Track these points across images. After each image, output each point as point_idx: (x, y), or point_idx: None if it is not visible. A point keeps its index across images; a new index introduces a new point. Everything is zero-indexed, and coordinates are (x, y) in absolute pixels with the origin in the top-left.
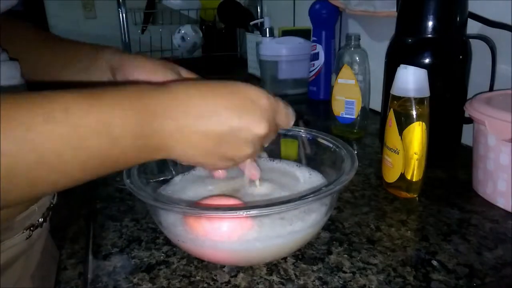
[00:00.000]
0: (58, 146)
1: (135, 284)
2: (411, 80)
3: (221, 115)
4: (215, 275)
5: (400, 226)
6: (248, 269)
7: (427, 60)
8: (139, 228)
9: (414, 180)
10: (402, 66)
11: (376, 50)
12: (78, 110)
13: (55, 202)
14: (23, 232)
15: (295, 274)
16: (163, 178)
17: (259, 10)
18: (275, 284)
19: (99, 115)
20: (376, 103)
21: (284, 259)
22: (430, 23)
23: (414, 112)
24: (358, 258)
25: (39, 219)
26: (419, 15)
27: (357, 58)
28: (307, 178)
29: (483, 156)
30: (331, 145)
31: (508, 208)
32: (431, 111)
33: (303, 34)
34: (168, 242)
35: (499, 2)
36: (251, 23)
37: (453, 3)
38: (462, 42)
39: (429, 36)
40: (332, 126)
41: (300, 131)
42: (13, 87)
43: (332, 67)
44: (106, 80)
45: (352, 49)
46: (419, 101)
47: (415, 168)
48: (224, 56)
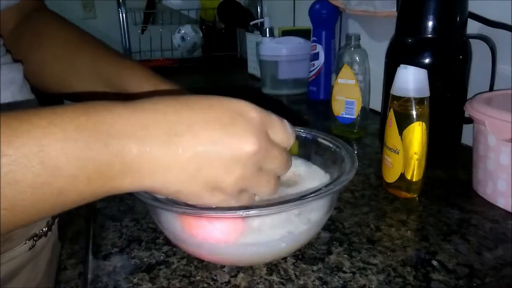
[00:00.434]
0: (25, 177)
1: (135, 284)
2: (411, 80)
3: (198, 131)
4: (215, 275)
5: (400, 226)
6: (248, 269)
7: (427, 60)
8: (139, 228)
9: (414, 180)
10: (402, 66)
11: (376, 50)
12: (7, 138)
13: None
14: (25, 243)
15: (295, 274)
16: None
17: (259, 10)
18: (275, 284)
19: (30, 141)
20: (376, 103)
21: (284, 259)
22: (430, 23)
23: (414, 112)
24: (358, 258)
25: (43, 228)
26: (419, 15)
27: (357, 58)
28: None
29: (483, 156)
30: (331, 145)
31: (508, 208)
32: (431, 111)
33: (303, 34)
34: (168, 242)
35: (499, 2)
36: (251, 23)
37: (453, 3)
38: (462, 42)
39: (429, 36)
40: (332, 126)
41: (300, 131)
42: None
43: (332, 67)
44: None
45: (352, 49)
46: (419, 101)
47: (415, 168)
48: (224, 56)
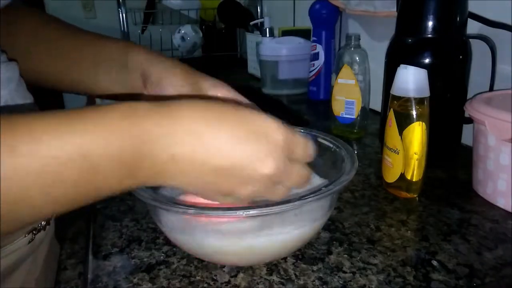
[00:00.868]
0: (24, 183)
1: (135, 284)
2: (411, 80)
3: (222, 148)
4: (215, 275)
5: (400, 226)
6: (248, 269)
7: (427, 60)
8: (139, 228)
9: (414, 180)
10: (402, 66)
11: (376, 50)
12: (47, 139)
13: None
14: (25, 236)
15: (295, 274)
16: None
17: (259, 10)
18: (275, 284)
19: (73, 143)
20: (376, 103)
21: (284, 259)
22: (430, 23)
23: (414, 112)
24: (358, 258)
25: (42, 222)
26: (419, 15)
27: (357, 58)
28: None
29: (483, 156)
30: (331, 145)
31: (508, 208)
32: (431, 111)
33: (303, 34)
34: (168, 242)
35: (499, 2)
36: (251, 23)
37: (453, 3)
38: (462, 42)
39: (429, 36)
40: (332, 126)
41: (300, 131)
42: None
43: (332, 67)
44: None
45: (352, 49)
46: (419, 101)
47: (415, 168)
48: (224, 56)
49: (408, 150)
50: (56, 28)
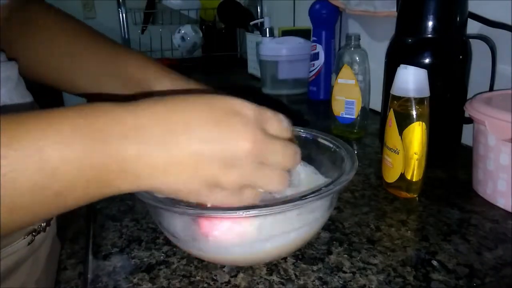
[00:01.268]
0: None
1: (135, 284)
2: (411, 80)
3: (194, 130)
4: (215, 275)
5: (400, 226)
6: (248, 269)
7: (427, 60)
8: (139, 228)
9: (414, 180)
10: (402, 66)
11: (376, 50)
12: (3, 137)
13: None
14: (24, 238)
15: (295, 274)
16: None
17: (259, 10)
18: (275, 284)
19: (28, 143)
20: (376, 103)
21: (284, 259)
22: (430, 23)
23: (414, 112)
24: (358, 258)
25: (42, 224)
26: (419, 15)
27: (357, 58)
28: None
29: (483, 156)
30: (331, 145)
31: (508, 208)
32: (431, 111)
33: (303, 34)
34: (168, 242)
35: (499, 2)
36: (251, 23)
37: (453, 3)
38: (462, 42)
39: (429, 36)
40: (332, 126)
41: (300, 131)
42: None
43: (332, 67)
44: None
45: (352, 49)
46: (419, 101)
47: (415, 168)
48: (224, 56)
49: (408, 150)
50: (74, 33)
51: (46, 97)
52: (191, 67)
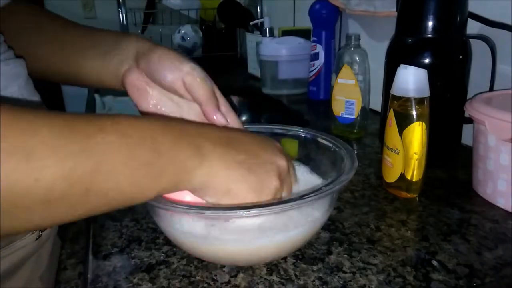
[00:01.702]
0: (111, 156)
1: (135, 284)
2: (411, 80)
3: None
4: (215, 275)
5: (400, 226)
6: (248, 269)
7: (427, 60)
8: (139, 228)
9: (414, 180)
10: (402, 66)
11: (376, 50)
12: (125, 121)
13: None
14: (33, 233)
15: (295, 274)
16: None
17: (259, 10)
18: (275, 284)
19: (143, 127)
20: (376, 103)
21: (284, 259)
22: (430, 23)
23: (414, 112)
24: (358, 258)
25: None
26: (419, 15)
27: (357, 58)
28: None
29: (483, 156)
30: (331, 145)
31: (508, 208)
32: (431, 111)
33: (303, 34)
34: (168, 242)
35: (499, 2)
36: (251, 23)
37: (453, 3)
38: (462, 42)
39: (429, 36)
40: (332, 126)
41: (300, 131)
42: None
43: (332, 67)
44: (124, 69)
45: (352, 49)
46: (419, 101)
47: (415, 168)
48: (224, 56)
49: (408, 150)
50: (58, 22)
51: (47, 95)
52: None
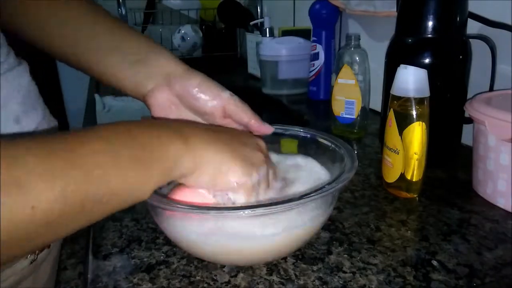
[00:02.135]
0: (98, 163)
1: (135, 284)
2: (411, 80)
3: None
4: (215, 275)
5: (400, 226)
6: (248, 269)
7: (427, 60)
8: (139, 228)
9: (414, 180)
10: (402, 66)
11: (376, 50)
12: (102, 127)
13: None
14: (26, 258)
15: (295, 274)
16: None
17: (259, 10)
18: (275, 284)
19: (119, 127)
20: (376, 103)
21: (284, 259)
22: (430, 23)
23: (414, 112)
24: (358, 258)
25: None
26: (419, 15)
27: (357, 58)
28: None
29: (483, 156)
30: (331, 144)
31: (508, 208)
32: (431, 111)
33: (303, 34)
34: (168, 242)
35: (499, 2)
36: (251, 23)
37: (453, 3)
38: (462, 42)
39: (429, 36)
40: (332, 126)
41: (300, 131)
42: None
43: (332, 67)
44: (151, 86)
45: (352, 49)
46: (419, 101)
47: (415, 168)
48: (224, 56)
49: (408, 150)
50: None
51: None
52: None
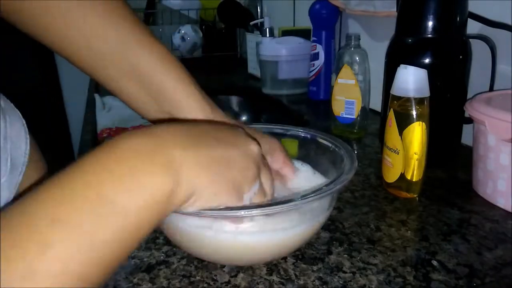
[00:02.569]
0: (84, 236)
1: (135, 284)
2: (411, 80)
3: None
4: (215, 275)
5: (400, 226)
6: (248, 269)
7: (427, 60)
8: None
9: (414, 180)
10: (402, 66)
11: (376, 50)
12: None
13: None
14: None
15: (295, 274)
16: None
17: (259, 10)
18: (275, 284)
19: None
20: (376, 103)
21: (284, 259)
22: (430, 23)
23: (414, 112)
24: (358, 258)
25: None
26: (419, 15)
27: (357, 58)
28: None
29: (483, 156)
30: (331, 144)
31: (508, 208)
32: (431, 111)
33: (303, 34)
34: (168, 242)
35: (499, 2)
36: (251, 23)
37: (453, 3)
38: (462, 42)
39: (429, 36)
40: (332, 126)
41: (300, 131)
42: None
43: (332, 67)
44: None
45: (352, 49)
46: (419, 101)
47: (415, 168)
48: (224, 56)
49: (408, 150)
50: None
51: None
52: (191, 67)
